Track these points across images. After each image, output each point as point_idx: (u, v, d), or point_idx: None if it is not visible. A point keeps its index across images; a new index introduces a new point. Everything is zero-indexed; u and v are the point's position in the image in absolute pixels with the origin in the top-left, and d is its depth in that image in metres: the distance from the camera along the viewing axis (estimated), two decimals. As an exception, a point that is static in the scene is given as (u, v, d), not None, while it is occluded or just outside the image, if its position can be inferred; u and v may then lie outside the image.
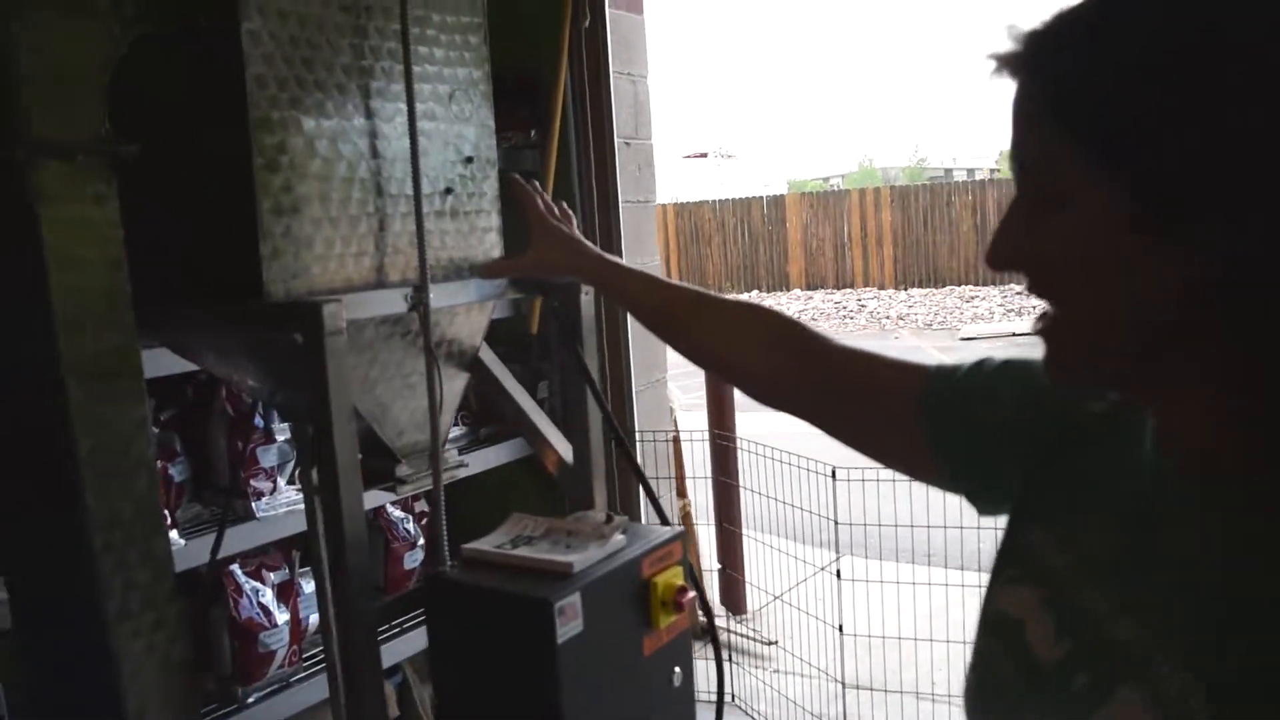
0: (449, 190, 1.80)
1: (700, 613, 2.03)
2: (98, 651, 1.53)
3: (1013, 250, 0.78)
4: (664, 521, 1.88)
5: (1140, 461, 0.82)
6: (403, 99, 1.70)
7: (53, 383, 1.47)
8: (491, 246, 1.92)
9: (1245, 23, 0.64)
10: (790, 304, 19.30)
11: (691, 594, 1.63)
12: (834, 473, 3.31)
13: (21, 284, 1.48)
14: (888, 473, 1.20)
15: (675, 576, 1.63)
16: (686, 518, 4.33)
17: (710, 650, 1.91)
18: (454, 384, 1.94)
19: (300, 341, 1.49)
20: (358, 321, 1.65)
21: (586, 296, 1.90)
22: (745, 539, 4.54)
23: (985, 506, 1.05)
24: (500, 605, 1.48)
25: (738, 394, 4.76)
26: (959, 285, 19.94)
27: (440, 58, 1.78)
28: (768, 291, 20.89)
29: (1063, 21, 0.72)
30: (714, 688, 1.88)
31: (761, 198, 21.81)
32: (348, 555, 1.49)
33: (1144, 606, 0.75)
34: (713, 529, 4.59)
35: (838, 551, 3.46)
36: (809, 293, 20.62)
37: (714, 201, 21.64)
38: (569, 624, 1.43)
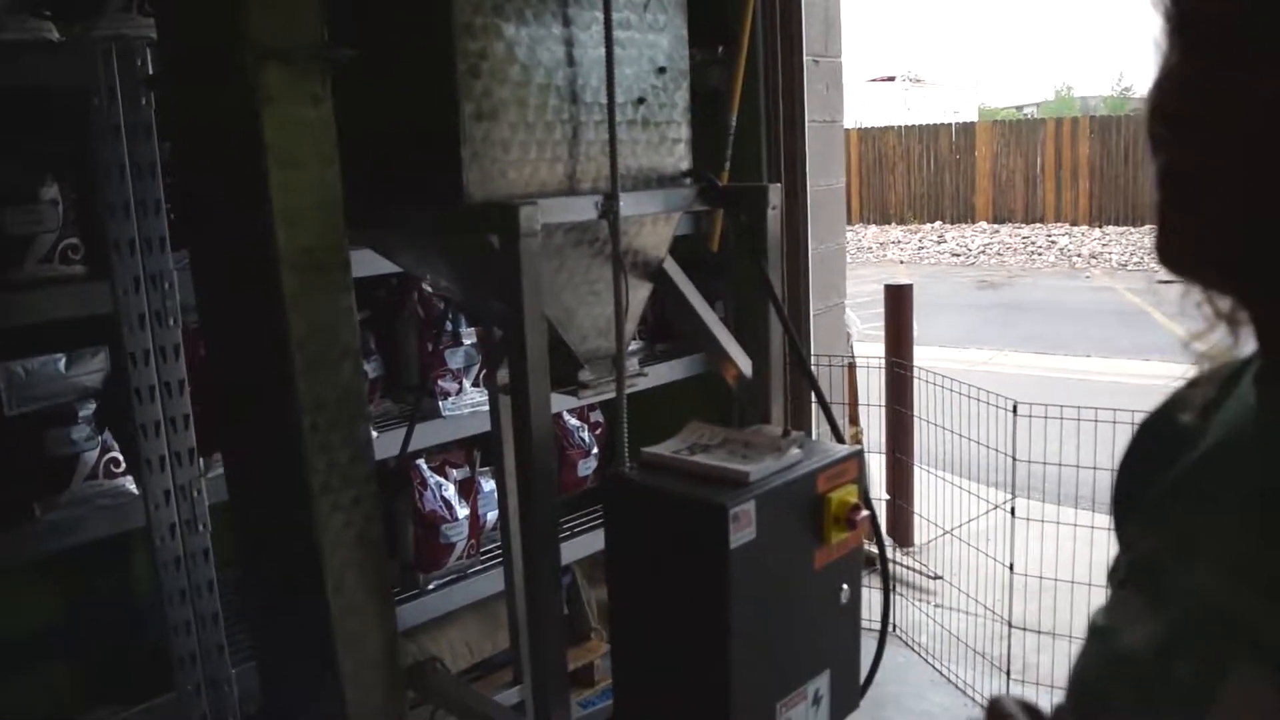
0: (641, 100, 1.82)
1: (870, 540, 2.02)
2: (301, 524, 1.65)
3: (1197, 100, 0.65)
4: (839, 440, 1.88)
5: (1243, 431, 0.74)
6: (599, 7, 1.71)
7: (270, 273, 1.57)
8: (680, 158, 1.93)
9: None
10: (975, 237, 18.62)
11: (865, 512, 1.63)
12: (1015, 407, 3.22)
13: (244, 181, 1.58)
14: (1071, 410, 1.12)
15: (849, 494, 1.63)
16: (857, 444, 4.29)
17: (877, 581, 1.91)
18: (638, 293, 1.97)
19: (496, 243, 1.54)
20: (548, 227, 1.70)
21: (773, 211, 1.89)
22: (917, 471, 4.47)
23: None
24: (675, 508, 1.52)
25: (917, 324, 4.67)
26: (1161, 225, 18.73)
27: (638, -35, 1.79)
28: (951, 223, 20.20)
29: None
30: (877, 615, 1.89)
31: (950, 125, 20.96)
32: (534, 452, 1.55)
33: (1248, 568, 0.67)
34: (883, 459, 4.54)
35: (1013, 489, 3.37)
36: (995, 226, 19.84)
37: (899, 127, 20.95)
38: (742, 530, 1.46)
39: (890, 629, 3.88)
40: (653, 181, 1.88)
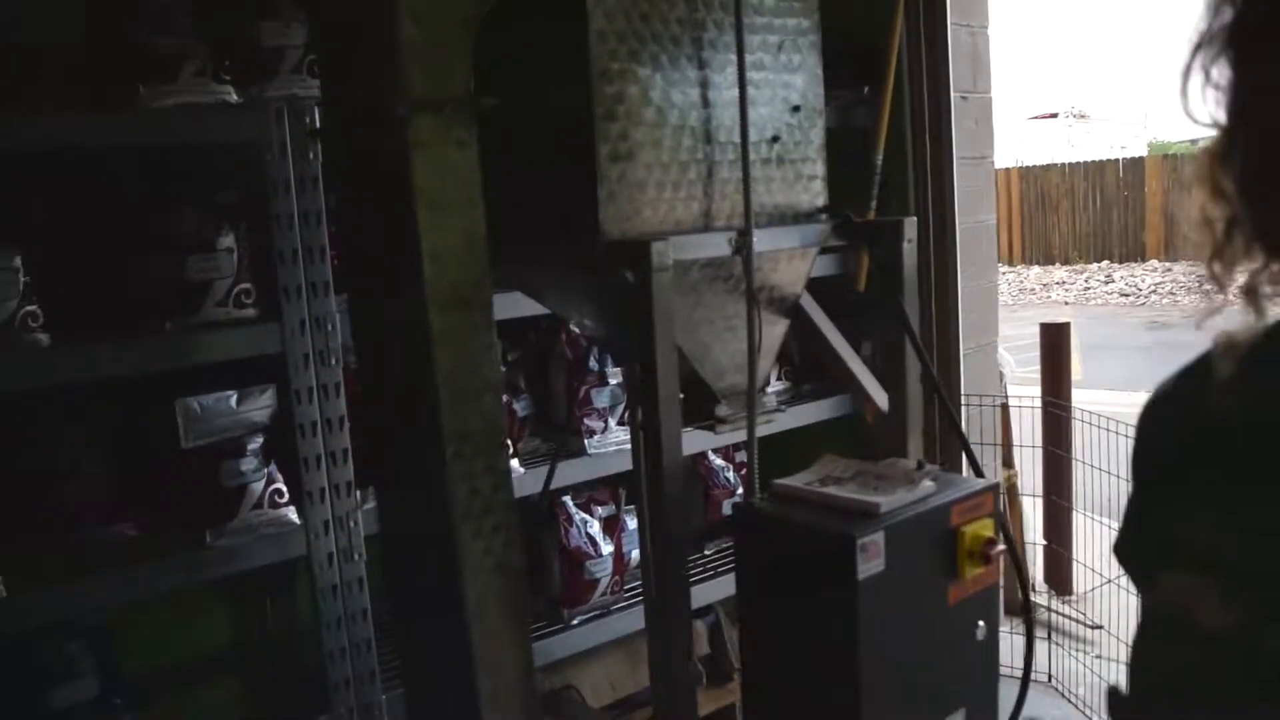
0: (776, 138, 1.85)
1: (1017, 586, 1.97)
2: (445, 550, 1.72)
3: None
4: (978, 474, 1.85)
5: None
6: (733, 50, 1.76)
7: (418, 310, 1.66)
8: (816, 194, 1.95)
9: None
10: (1145, 276, 17.82)
11: (1001, 546, 1.60)
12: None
13: (396, 223, 1.68)
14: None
15: (985, 528, 1.60)
16: (1011, 489, 4.15)
17: (1023, 627, 1.86)
18: (774, 329, 1.99)
19: (630, 278, 1.59)
20: (683, 263, 1.74)
21: (909, 245, 1.89)
22: (1076, 516, 4.29)
23: None
24: (803, 538, 1.53)
25: (1084, 366, 4.50)
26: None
27: (770, 8, 1.83)
28: (1120, 262, 19.37)
29: None
30: (1039, 667, 1.82)
31: (1117, 160, 20.15)
32: (665, 482, 1.58)
33: None
34: (1040, 502, 4.38)
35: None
36: (1168, 264, 18.94)
37: (1063, 164, 20.28)
38: (871, 561, 1.45)
39: (1048, 679, 3.73)
40: (787, 218, 1.90)
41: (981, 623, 1.64)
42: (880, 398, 1.97)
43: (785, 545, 1.57)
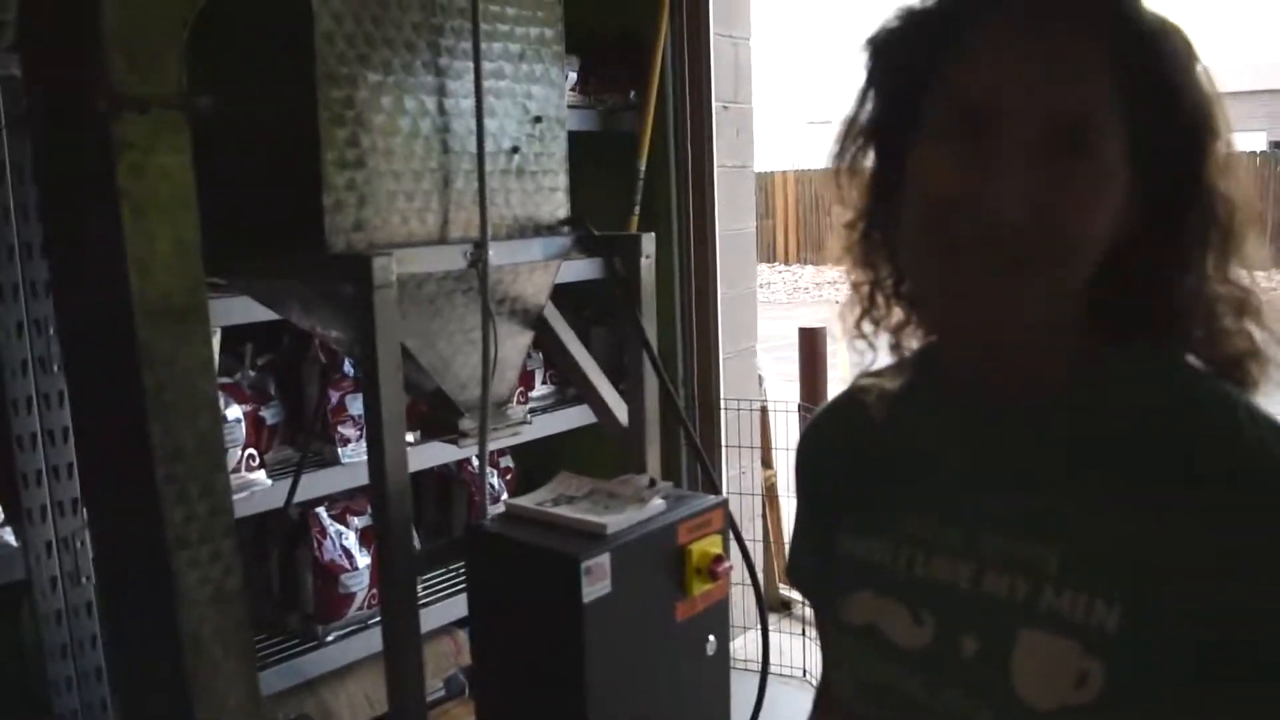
0: (516, 149, 1.82)
1: (750, 582, 2.02)
2: (158, 579, 1.61)
3: (1022, 199, 0.79)
4: (714, 489, 1.88)
5: (932, 425, 0.94)
6: (471, 55, 1.72)
7: (124, 321, 1.54)
8: (558, 206, 1.93)
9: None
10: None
11: (728, 564, 1.63)
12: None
13: (99, 227, 1.56)
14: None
15: (713, 545, 1.63)
16: (771, 489, 4.30)
17: (791, 625, 1.91)
18: (516, 342, 1.96)
19: (353, 293, 1.53)
20: (419, 276, 1.69)
21: (647, 260, 1.90)
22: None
23: None
24: (530, 560, 1.51)
25: (832, 367, 4.71)
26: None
27: (511, 16, 1.79)
28: (889, 264, 20.46)
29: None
30: (790, 661, 1.88)
31: (885, 166, 21.28)
32: (390, 505, 1.53)
33: (1006, 554, 0.84)
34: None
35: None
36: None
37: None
38: (596, 584, 1.45)
39: (803, 674, 3.88)
40: (528, 230, 1.88)
41: (712, 637, 1.67)
42: (620, 412, 1.98)
43: (513, 568, 1.55)
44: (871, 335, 1.01)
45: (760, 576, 2.37)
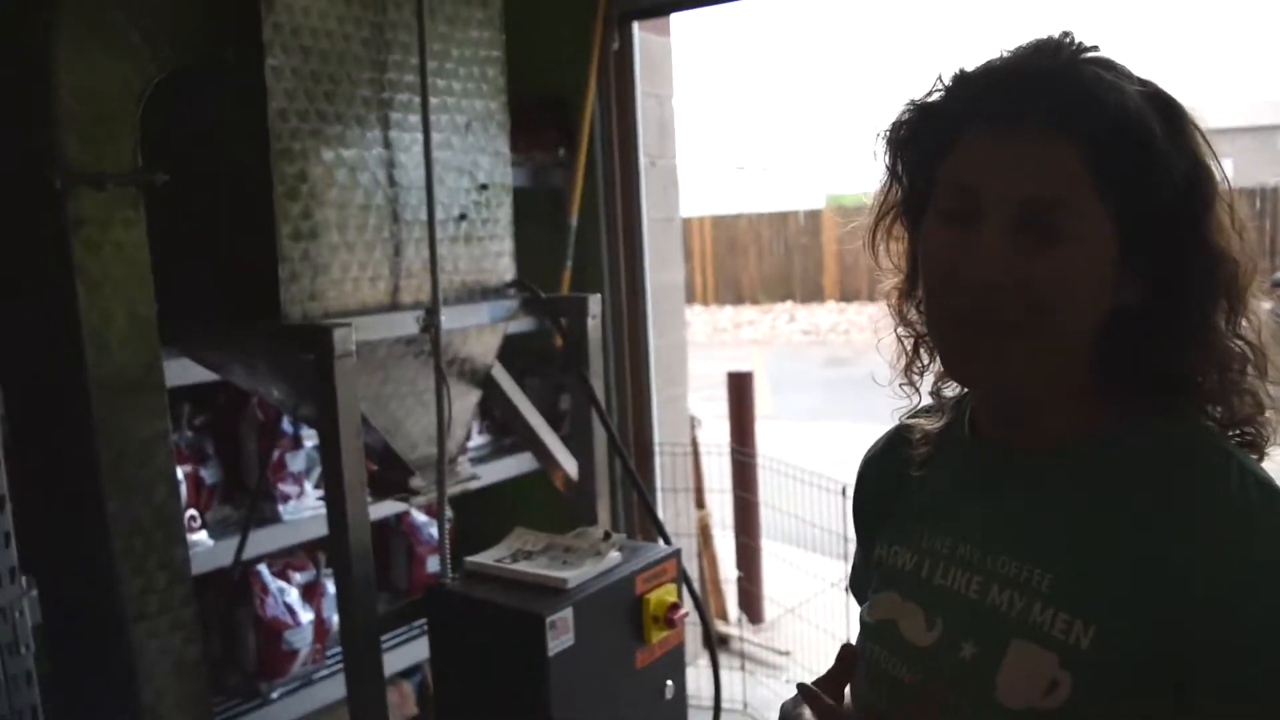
0: (463, 216, 1.88)
1: (702, 624, 2.08)
2: (117, 651, 1.61)
3: (1003, 272, 0.89)
4: (663, 539, 1.95)
5: (959, 459, 1.05)
6: (420, 129, 1.78)
7: (80, 395, 1.55)
8: (505, 270, 1.99)
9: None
10: (825, 316, 19.28)
11: (684, 611, 1.69)
12: (844, 490, 3.35)
13: (54, 303, 1.57)
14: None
15: (668, 593, 1.69)
16: (705, 529, 4.36)
17: (730, 660, 1.97)
18: (466, 401, 2.01)
19: (312, 362, 1.57)
20: (371, 342, 1.73)
21: (594, 320, 1.96)
22: (769, 550, 4.57)
23: None
24: (495, 618, 1.55)
25: (773, 399, 4.80)
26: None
27: (459, 89, 1.86)
28: (802, 303, 20.87)
29: (1092, 88, 0.89)
30: (735, 697, 1.93)
31: (798, 211, 21.77)
32: (353, 566, 1.56)
33: (1009, 572, 0.95)
34: (733, 539, 4.63)
35: (846, 565, 3.47)
36: (843, 304, 20.60)
37: (751, 214, 21.64)
38: (560, 637, 1.50)
39: (743, 708, 3.94)
40: (476, 294, 1.93)
41: (669, 682, 1.73)
42: (570, 466, 2.04)
43: (478, 625, 1.59)
44: (917, 382, 1.11)
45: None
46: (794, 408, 10.16)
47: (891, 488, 1.14)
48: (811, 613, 4.08)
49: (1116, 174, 0.88)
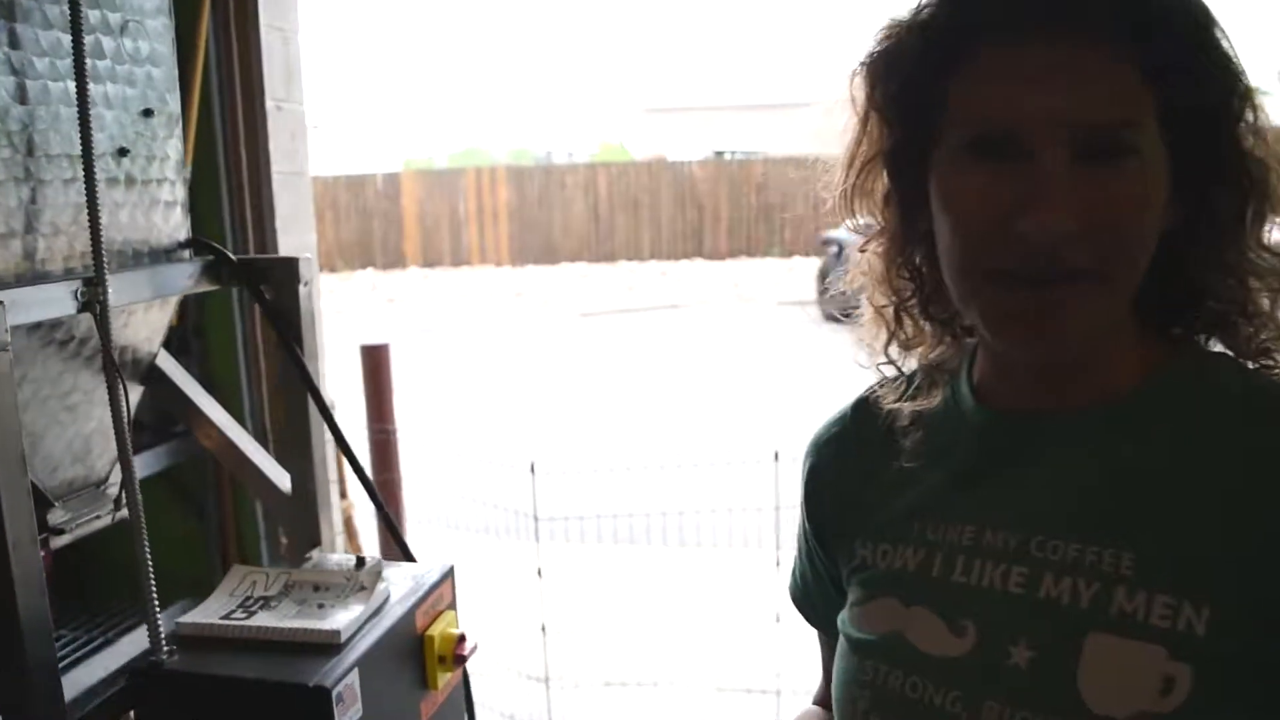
0: (124, 151, 1.39)
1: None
2: None
3: (1076, 215, 0.76)
4: (406, 556, 1.60)
5: (965, 437, 0.91)
6: (58, 26, 1.27)
7: None
8: (177, 226, 1.52)
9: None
10: (408, 281, 18.83)
11: (473, 644, 1.37)
12: (532, 467, 3.13)
13: None
14: (587, 464, 1.15)
15: (451, 624, 1.36)
16: (349, 522, 3.95)
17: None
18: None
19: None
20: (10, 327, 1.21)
21: (305, 288, 1.55)
22: (441, 536, 4.32)
23: None
24: (251, 698, 1.13)
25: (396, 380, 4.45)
26: (573, 262, 20.36)
27: (107, -23, 1.36)
28: (383, 269, 20.24)
29: None
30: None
31: (376, 175, 21.02)
32: (28, 650, 1.08)
33: (1067, 557, 0.80)
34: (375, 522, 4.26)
35: (538, 548, 3.28)
36: (426, 270, 20.24)
37: (326, 177, 20.53)
38: (349, 710, 1.12)
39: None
40: (143, 257, 1.45)
41: (450, 733, 1.39)
42: (281, 480, 1.61)
43: (223, 713, 1.16)
44: (899, 358, 0.97)
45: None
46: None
47: (858, 477, 0.98)
48: (503, 598, 3.85)
49: (1167, 69, 0.77)
